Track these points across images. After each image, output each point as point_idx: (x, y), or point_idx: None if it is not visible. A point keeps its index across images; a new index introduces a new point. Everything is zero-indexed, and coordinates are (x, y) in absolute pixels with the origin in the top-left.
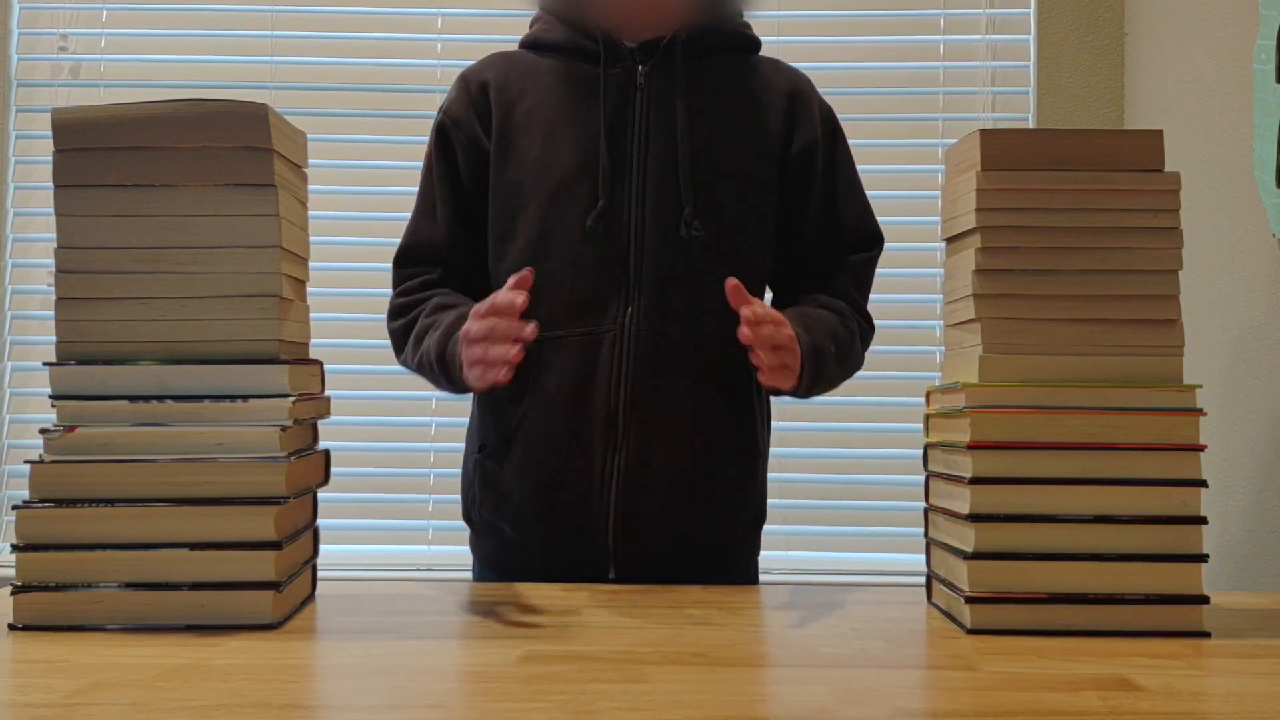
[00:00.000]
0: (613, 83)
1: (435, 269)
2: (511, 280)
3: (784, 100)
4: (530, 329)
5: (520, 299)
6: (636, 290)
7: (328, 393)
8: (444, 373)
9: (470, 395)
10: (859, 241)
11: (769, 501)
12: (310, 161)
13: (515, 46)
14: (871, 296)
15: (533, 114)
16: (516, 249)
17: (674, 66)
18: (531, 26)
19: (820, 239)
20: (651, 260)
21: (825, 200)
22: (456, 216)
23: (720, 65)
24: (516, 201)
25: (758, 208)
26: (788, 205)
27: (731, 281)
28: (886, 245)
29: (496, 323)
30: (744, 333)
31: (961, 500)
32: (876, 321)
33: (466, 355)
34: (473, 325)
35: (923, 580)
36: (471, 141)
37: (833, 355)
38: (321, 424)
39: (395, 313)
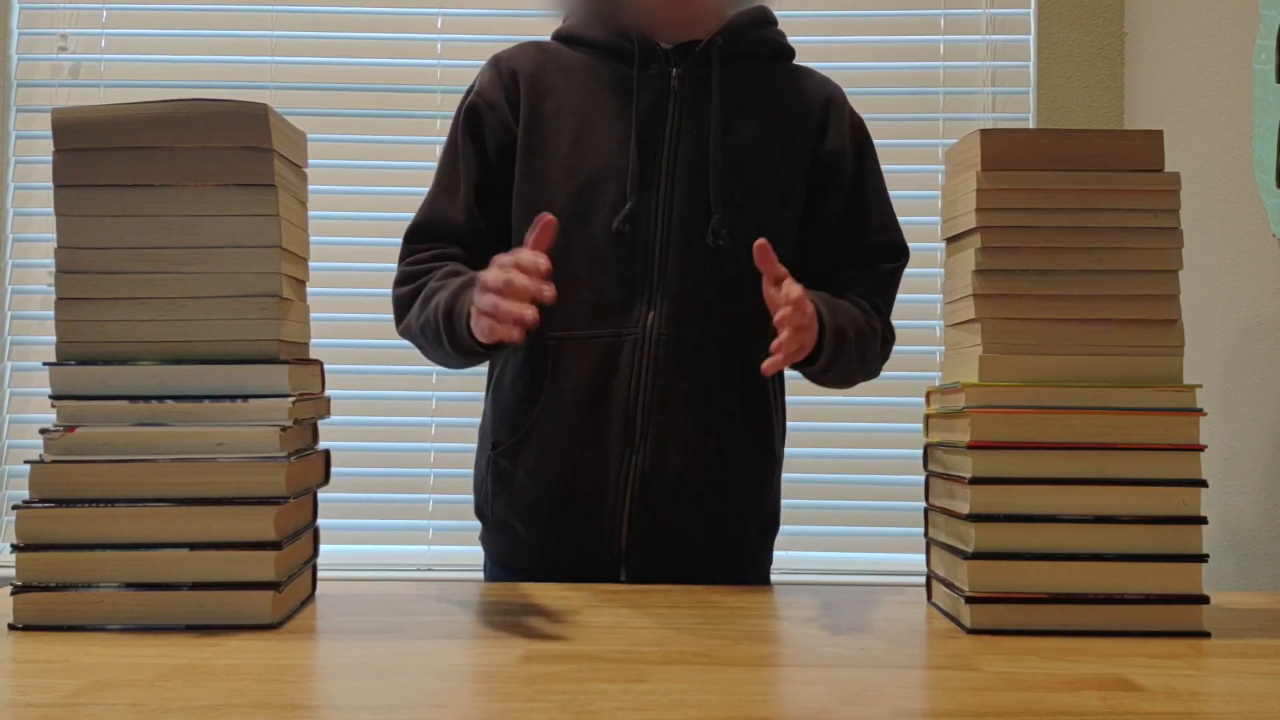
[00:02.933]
0: (646, 84)
1: (451, 246)
2: (535, 233)
3: (817, 108)
4: (549, 291)
5: (544, 263)
6: (659, 294)
7: (328, 393)
8: (448, 329)
9: (482, 392)
10: (885, 252)
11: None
12: (310, 161)
13: (548, 38)
14: None
15: (563, 109)
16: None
17: (708, 70)
18: (565, 20)
19: (845, 246)
20: (676, 265)
21: (851, 208)
22: (478, 199)
23: (754, 71)
24: (541, 197)
25: (784, 216)
26: (811, 211)
27: (760, 243)
28: None
29: (515, 276)
30: (777, 303)
31: (961, 500)
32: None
33: (478, 302)
34: (491, 273)
35: (923, 580)
36: (502, 124)
37: (853, 341)
38: (321, 424)
39: (402, 279)
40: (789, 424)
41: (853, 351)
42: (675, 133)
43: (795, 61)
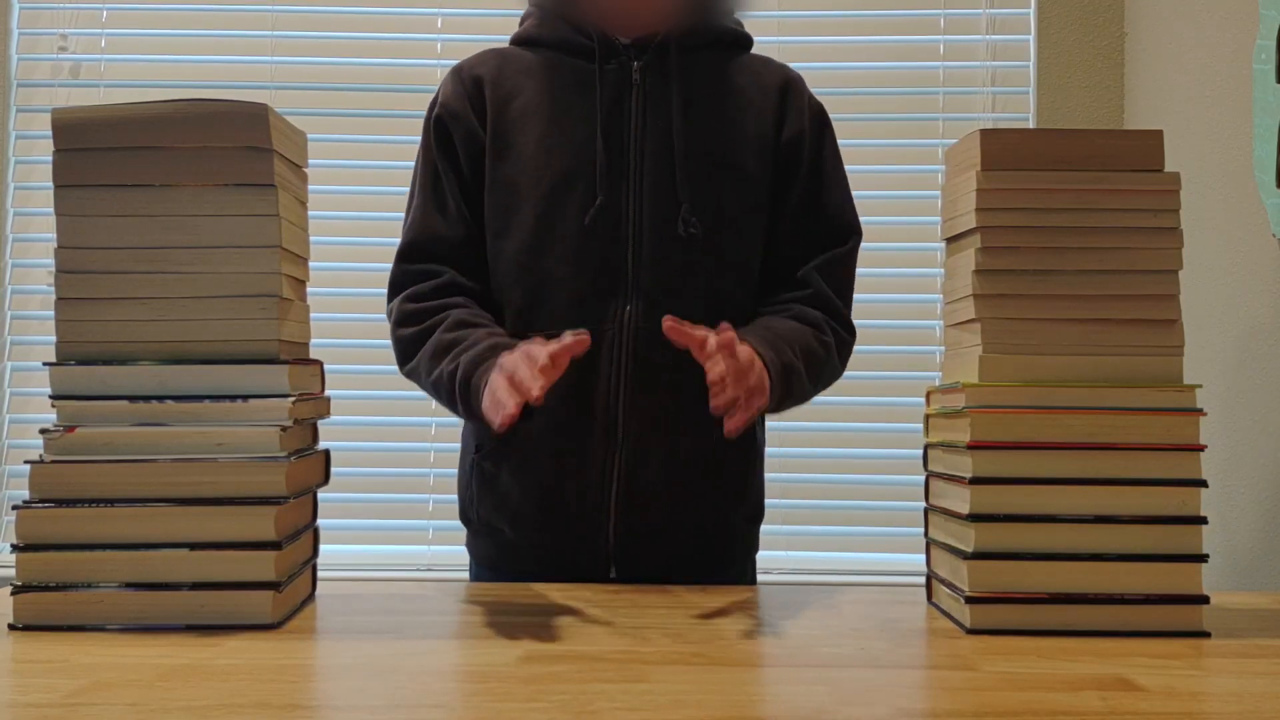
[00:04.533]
0: (608, 79)
1: (446, 269)
2: (568, 342)
3: (775, 94)
4: (537, 391)
5: (548, 359)
6: (635, 288)
7: (328, 393)
8: (464, 400)
9: None
10: (836, 233)
11: (767, 500)
12: (310, 161)
13: (507, 44)
14: (872, 297)
15: (527, 111)
16: (513, 247)
17: (668, 62)
18: (522, 23)
19: (799, 230)
20: (649, 258)
21: (809, 191)
22: (469, 209)
23: (714, 60)
24: (512, 199)
25: (752, 202)
26: (775, 197)
27: (667, 321)
28: (887, 245)
29: (520, 369)
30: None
31: (961, 500)
32: (877, 322)
33: (491, 381)
34: (513, 360)
35: (923, 580)
36: (469, 134)
37: (803, 371)
38: (321, 424)
39: (406, 319)
40: (784, 422)
41: (805, 383)
42: (640, 125)
43: (792, 62)
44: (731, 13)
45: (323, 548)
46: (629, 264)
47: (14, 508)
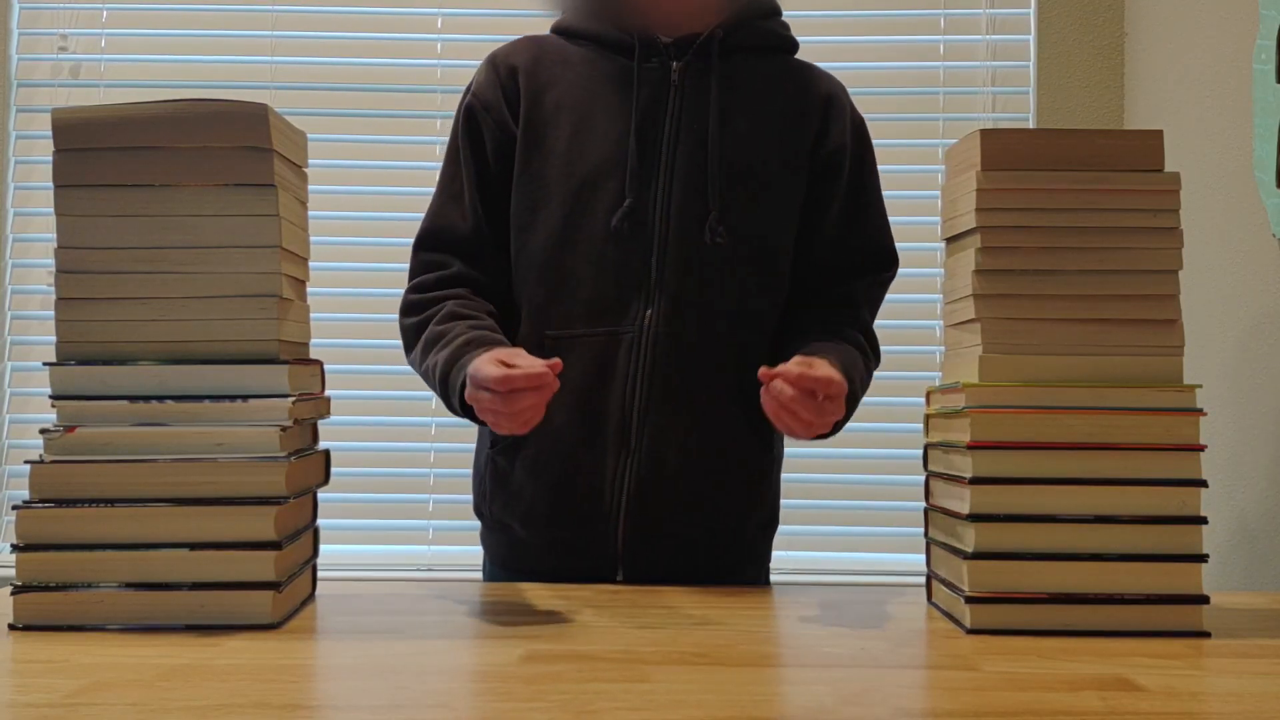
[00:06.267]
0: (646, 77)
1: (454, 260)
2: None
3: (819, 104)
4: (554, 384)
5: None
6: (658, 292)
7: (328, 393)
8: (443, 395)
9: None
10: (878, 259)
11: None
12: (310, 161)
13: (547, 31)
14: None
15: (562, 104)
16: (537, 244)
17: (709, 64)
18: (563, 15)
19: (839, 245)
20: (674, 263)
21: (849, 208)
22: (483, 202)
23: (756, 64)
24: (540, 194)
25: (783, 213)
26: (810, 208)
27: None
28: None
29: (514, 377)
30: (781, 387)
31: (961, 500)
32: (877, 321)
33: (476, 397)
34: (489, 370)
35: (923, 580)
36: (499, 125)
37: (859, 398)
38: (321, 424)
39: (408, 309)
40: None
41: (855, 407)
42: (675, 127)
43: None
44: (778, 14)
45: (323, 548)
46: (653, 268)
47: (14, 508)
